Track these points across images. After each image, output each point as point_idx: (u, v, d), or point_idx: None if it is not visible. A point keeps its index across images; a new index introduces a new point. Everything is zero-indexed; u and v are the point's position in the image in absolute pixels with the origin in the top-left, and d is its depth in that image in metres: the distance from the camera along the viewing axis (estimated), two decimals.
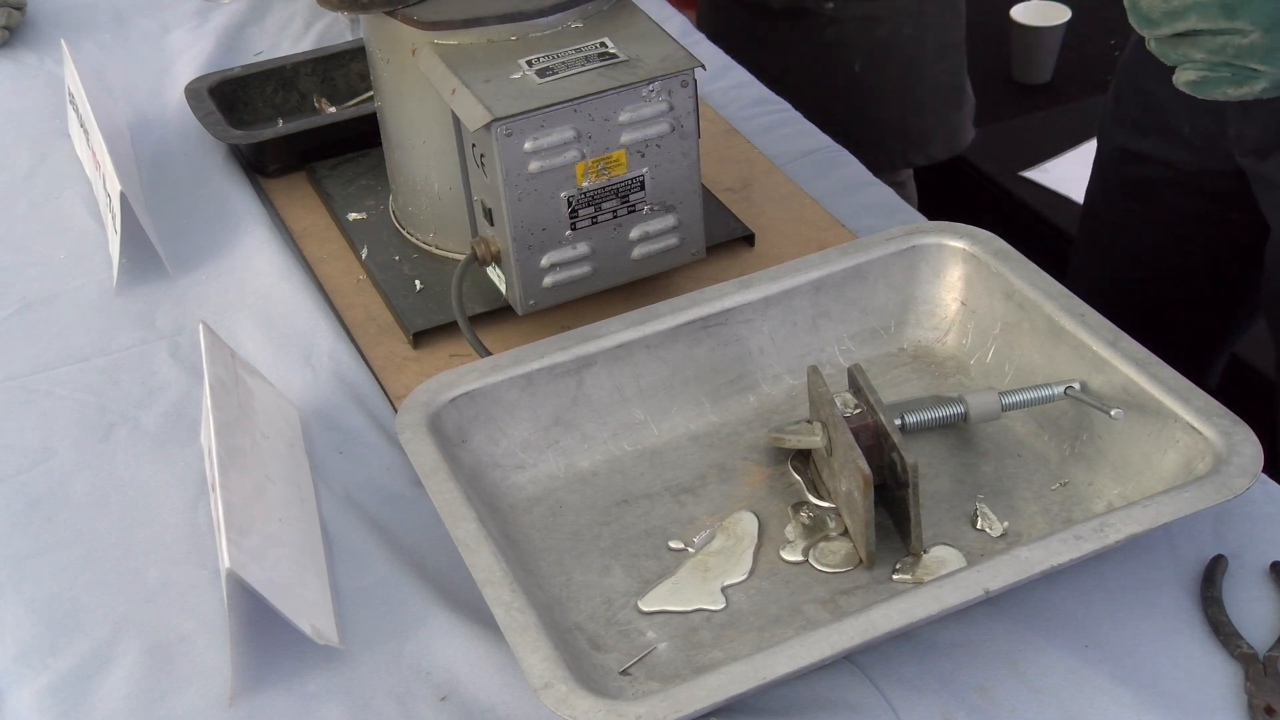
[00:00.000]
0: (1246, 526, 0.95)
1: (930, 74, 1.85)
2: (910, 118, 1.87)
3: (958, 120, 1.91)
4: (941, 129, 1.90)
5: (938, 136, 1.90)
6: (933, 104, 1.88)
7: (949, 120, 1.90)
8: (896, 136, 1.87)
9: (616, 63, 1.06)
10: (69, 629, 0.94)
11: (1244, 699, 0.84)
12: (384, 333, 1.19)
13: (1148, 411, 0.95)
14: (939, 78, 1.86)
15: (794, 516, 0.97)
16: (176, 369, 1.16)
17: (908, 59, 1.83)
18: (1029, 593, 0.90)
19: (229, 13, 1.67)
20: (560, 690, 0.79)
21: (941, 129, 1.90)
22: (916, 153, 1.89)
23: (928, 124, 1.89)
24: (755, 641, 0.89)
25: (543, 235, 1.08)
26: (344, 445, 1.08)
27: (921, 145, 1.89)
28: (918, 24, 1.81)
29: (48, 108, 1.52)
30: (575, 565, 0.95)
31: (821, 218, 1.30)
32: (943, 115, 1.89)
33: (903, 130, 1.87)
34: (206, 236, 1.31)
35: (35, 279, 1.27)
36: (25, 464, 1.07)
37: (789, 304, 1.08)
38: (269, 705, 0.88)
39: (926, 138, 1.89)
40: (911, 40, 1.81)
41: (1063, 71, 2.63)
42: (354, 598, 0.95)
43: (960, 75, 1.89)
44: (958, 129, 1.92)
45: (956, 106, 1.90)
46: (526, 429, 1.01)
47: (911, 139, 1.88)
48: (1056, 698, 0.85)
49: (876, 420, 0.93)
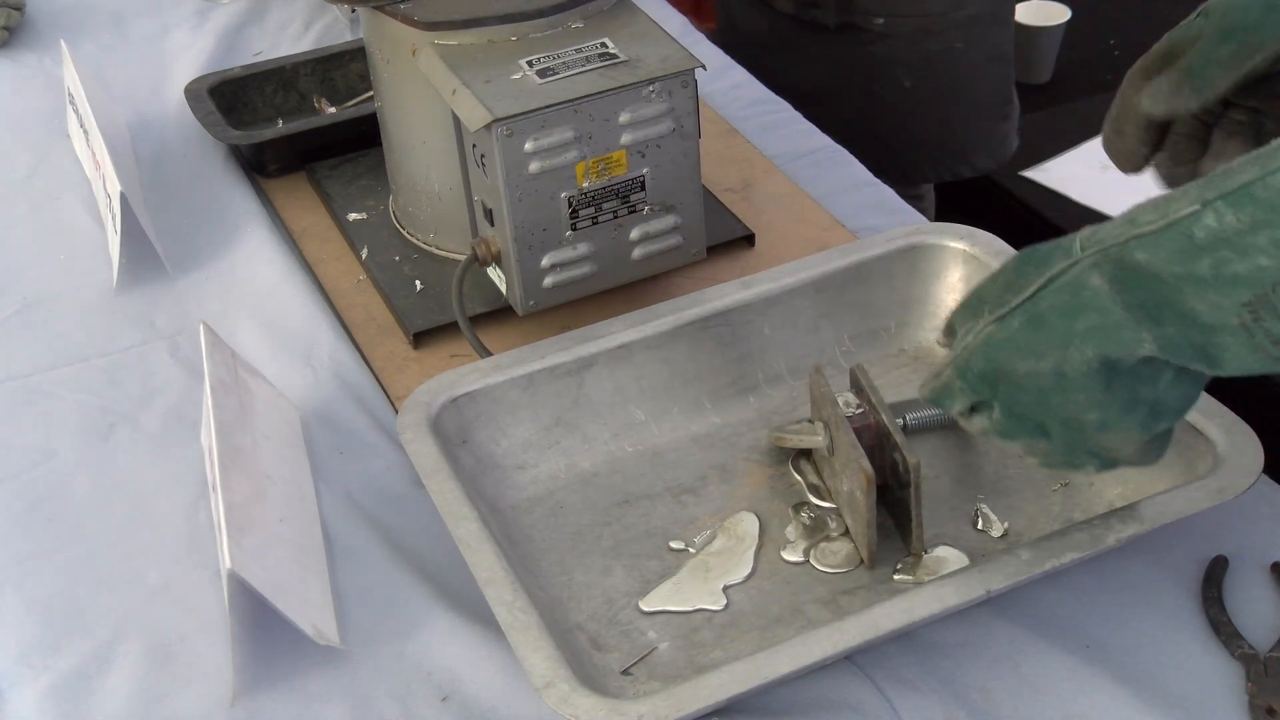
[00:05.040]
0: (1247, 526, 0.95)
1: (978, 87, 1.83)
2: (957, 130, 1.85)
3: (1004, 130, 1.89)
4: (988, 140, 1.88)
5: (984, 148, 1.88)
6: (979, 116, 1.86)
7: (995, 131, 1.88)
8: (942, 149, 1.84)
9: (617, 63, 1.06)
10: (70, 629, 0.94)
11: (1245, 699, 0.84)
12: (384, 333, 1.19)
13: None
14: (987, 90, 1.85)
15: (795, 517, 0.97)
16: (177, 369, 1.16)
17: (957, 73, 1.80)
18: (1030, 593, 0.90)
19: (228, 13, 1.67)
20: (562, 689, 0.79)
21: (988, 140, 1.88)
22: (961, 164, 1.86)
23: (973, 135, 1.86)
24: (756, 641, 0.89)
25: (543, 235, 1.08)
26: (344, 445, 1.08)
27: (966, 156, 1.86)
28: (968, 37, 1.78)
29: (47, 108, 1.52)
30: (576, 565, 0.95)
31: (821, 218, 1.30)
32: (989, 127, 1.87)
33: (948, 142, 1.84)
34: (206, 236, 1.31)
35: (35, 279, 1.27)
36: (26, 464, 1.07)
37: (789, 304, 1.08)
38: (270, 705, 0.88)
39: (972, 149, 1.87)
40: (962, 54, 1.78)
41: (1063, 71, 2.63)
42: (354, 598, 0.95)
43: (1008, 86, 1.86)
44: (1004, 139, 1.89)
45: (1003, 117, 1.88)
46: (527, 429, 1.01)
47: (957, 151, 1.85)
48: (1058, 698, 0.85)
49: (879, 420, 0.93)
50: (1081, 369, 0.76)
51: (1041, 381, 0.78)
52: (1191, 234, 0.71)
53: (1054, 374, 0.77)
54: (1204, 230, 0.70)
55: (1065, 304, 0.76)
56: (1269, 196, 0.69)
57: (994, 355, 0.80)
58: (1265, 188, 0.69)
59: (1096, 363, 0.76)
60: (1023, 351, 0.78)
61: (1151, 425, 0.79)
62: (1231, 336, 0.72)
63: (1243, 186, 0.69)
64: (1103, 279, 0.75)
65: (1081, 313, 0.76)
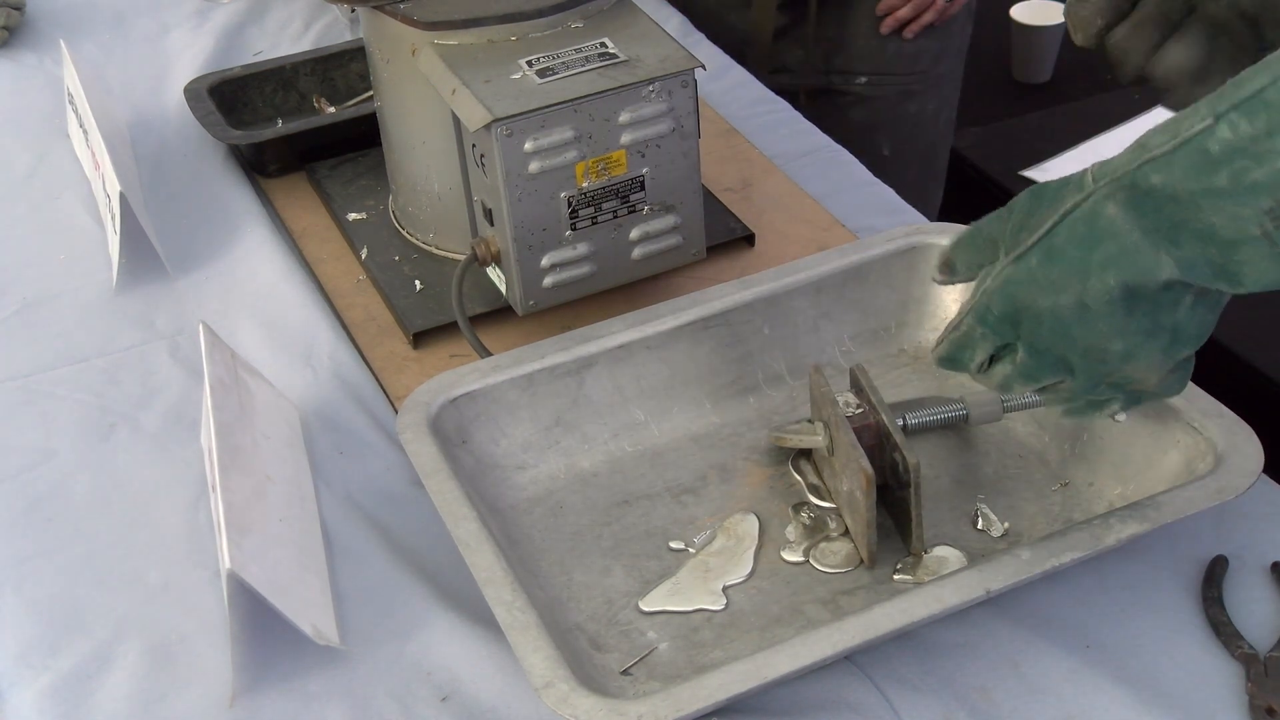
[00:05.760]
0: (1247, 526, 0.95)
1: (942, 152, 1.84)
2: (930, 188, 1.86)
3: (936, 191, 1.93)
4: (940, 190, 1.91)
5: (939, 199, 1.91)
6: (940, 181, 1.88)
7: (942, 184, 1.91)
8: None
9: (616, 63, 1.06)
10: (69, 629, 0.94)
11: (1245, 700, 0.84)
12: (384, 333, 1.19)
13: (1148, 412, 0.95)
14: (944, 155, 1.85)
15: (795, 517, 0.97)
16: (176, 369, 1.16)
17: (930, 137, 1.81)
18: (1030, 593, 0.90)
19: (228, 13, 1.67)
20: (561, 689, 0.79)
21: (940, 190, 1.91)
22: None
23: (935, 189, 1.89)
24: (756, 641, 0.89)
25: (543, 235, 1.08)
26: (344, 445, 1.08)
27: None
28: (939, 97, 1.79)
29: (47, 108, 1.52)
30: (576, 565, 0.95)
31: (821, 218, 1.30)
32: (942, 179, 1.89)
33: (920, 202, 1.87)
34: (206, 236, 1.31)
35: (35, 279, 1.27)
36: (25, 464, 1.07)
37: (789, 304, 1.08)
38: (270, 706, 0.88)
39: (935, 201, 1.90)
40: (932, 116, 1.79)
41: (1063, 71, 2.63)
42: (354, 598, 0.95)
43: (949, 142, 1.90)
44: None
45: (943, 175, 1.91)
46: (527, 429, 1.01)
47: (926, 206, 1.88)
48: (1057, 698, 0.85)
49: (879, 420, 0.93)
50: (1103, 298, 0.76)
51: (1064, 315, 0.78)
52: (1206, 149, 0.71)
53: (1076, 306, 0.77)
54: (1218, 143, 0.70)
55: (1083, 235, 0.76)
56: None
57: (1015, 294, 0.79)
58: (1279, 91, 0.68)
59: (1118, 291, 0.76)
60: (1043, 287, 0.78)
61: (1174, 352, 0.79)
62: (1253, 248, 0.72)
63: (1256, 93, 0.69)
64: (1118, 207, 0.75)
65: (1099, 243, 0.75)
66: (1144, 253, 0.75)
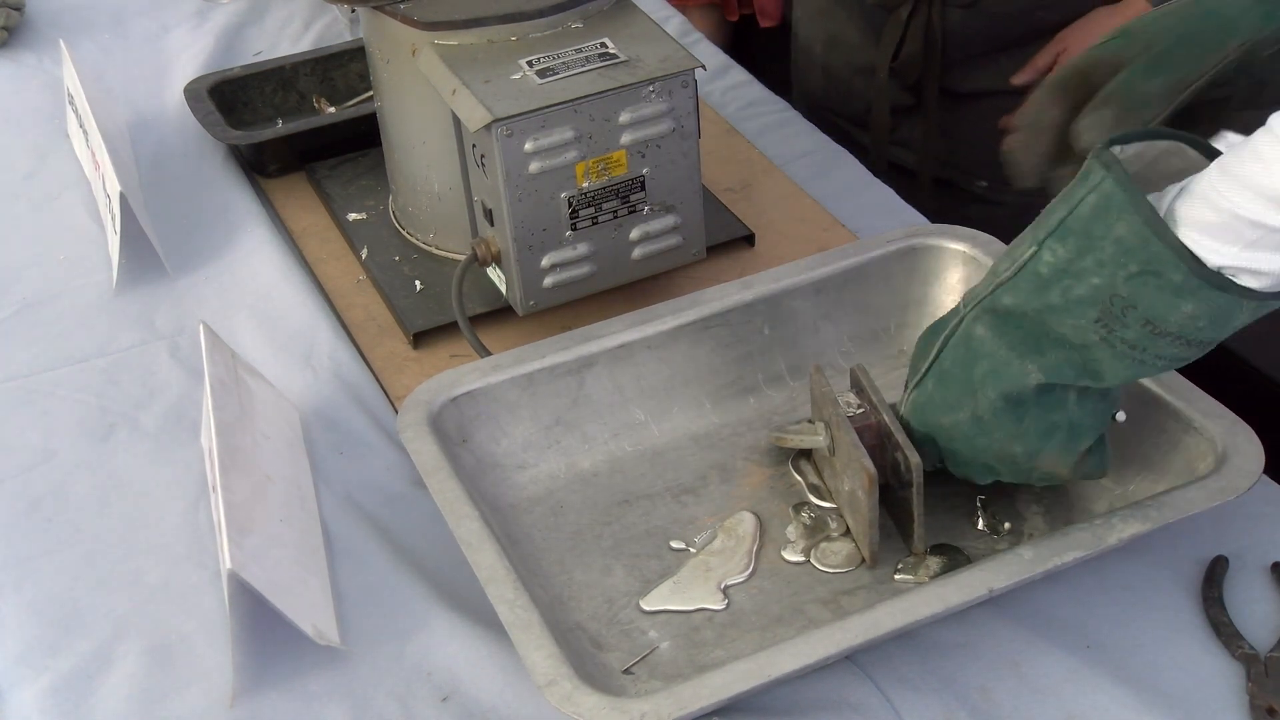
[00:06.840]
0: (1247, 526, 0.95)
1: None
2: None
3: None
4: None
5: None
6: None
7: None
8: None
9: (617, 63, 1.06)
10: (70, 629, 0.94)
11: (1245, 699, 0.84)
12: (384, 333, 1.19)
13: (1149, 412, 0.95)
14: None
15: (795, 517, 0.97)
16: (176, 369, 1.16)
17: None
18: (1030, 593, 0.90)
19: (228, 13, 1.67)
20: (565, 688, 0.79)
21: None
22: None
23: None
24: (757, 641, 0.89)
25: (543, 236, 1.08)
26: (344, 445, 1.07)
27: None
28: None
29: (47, 108, 1.52)
30: (576, 565, 0.95)
31: (821, 218, 1.30)
32: None
33: None
34: (206, 236, 1.31)
35: (35, 279, 1.27)
36: (25, 464, 1.07)
37: (789, 305, 1.08)
38: (270, 705, 0.88)
39: None
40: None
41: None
42: (354, 598, 0.95)
43: None
44: None
45: None
46: (527, 429, 1.01)
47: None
48: (1058, 698, 0.85)
49: (880, 420, 0.93)
50: (991, 410, 0.86)
51: (965, 429, 0.88)
52: (1038, 272, 0.82)
53: (972, 420, 0.87)
54: (1046, 266, 0.81)
55: (962, 356, 0.87)
56: (1080, 226, 0.79)
57: (921, 417, 0.91)
58: (1075, 219, 0.79)
59: (1000, 401, 0.85)
60: (941, 407, 0.89)
61: (1075, 445, 0.87)
62: (1100, 350, 0.81)
63: (1060, 223, 0.80)
64: (985, 328, 0.85)
65: (976, 360, 0.86)
66: (1012, 364, 0.84)
